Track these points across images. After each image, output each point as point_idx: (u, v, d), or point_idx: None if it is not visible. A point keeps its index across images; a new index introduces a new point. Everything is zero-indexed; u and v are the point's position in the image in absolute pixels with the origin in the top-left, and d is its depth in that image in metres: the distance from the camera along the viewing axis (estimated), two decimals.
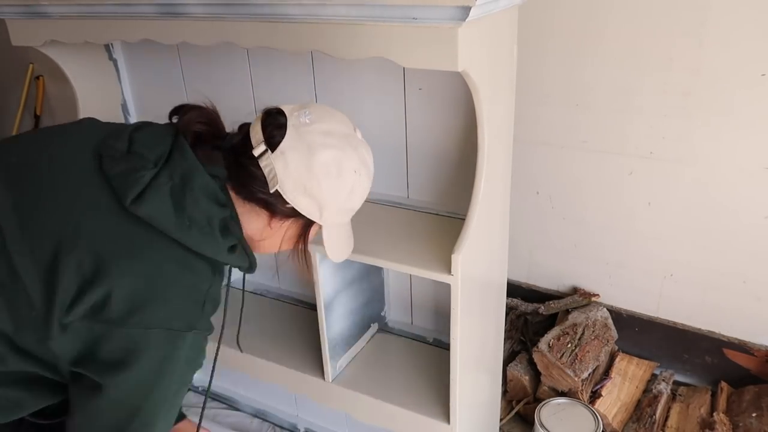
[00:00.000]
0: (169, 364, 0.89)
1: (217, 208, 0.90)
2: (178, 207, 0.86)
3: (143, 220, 0.85)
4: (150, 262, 0.85)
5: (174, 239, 0.86)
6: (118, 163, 0.87)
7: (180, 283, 0.87)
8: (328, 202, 0.94)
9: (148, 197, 0.84)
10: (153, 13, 1.23)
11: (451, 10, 0.92)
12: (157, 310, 0.85)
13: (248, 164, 0.92)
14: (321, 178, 0.92)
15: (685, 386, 1.85)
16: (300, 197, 0.93)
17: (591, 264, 1.90)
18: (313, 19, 1.04)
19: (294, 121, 0.92)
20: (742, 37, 1.47)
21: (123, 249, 0.84)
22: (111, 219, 0.85)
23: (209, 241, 0.89)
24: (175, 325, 0.86)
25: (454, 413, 1.34)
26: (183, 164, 0.88)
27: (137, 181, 0.85)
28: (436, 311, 1.65)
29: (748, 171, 1.58)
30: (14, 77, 2.79)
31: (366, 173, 0.98)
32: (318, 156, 0.91)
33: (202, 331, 0.91)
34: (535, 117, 1.78)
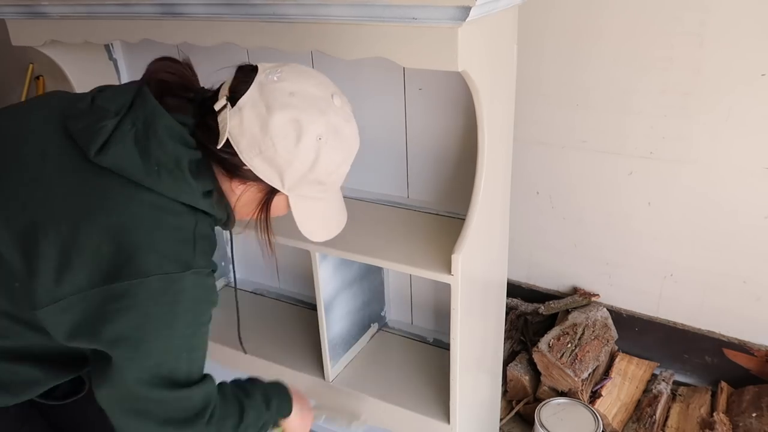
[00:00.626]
0: (177, 308, 0.85)
1: (185, 149, 0.86)
2: (143, 153, 0.83)
3: (111, 170, 0.82)
4: (126, 211, 0.82)
5: (145, 186, 0.83)
6: (80, 119, 0.86)
7: (162, 227, 0.84)
8: (287, 169, 0.88)
9: (112, 146, 0.82)
10: (153, 14, 1.23)
11: (451, 10, 0.92)
12: (146, 257, 0.81)
13: (209, 116, 0.88)
14: (276, 140, 0.86)
15: (685, 386, 1.85)
16: (256, 159, 0.87)
17: (591, 264, 1.90)
18: (313, 19, 1.04)
19: (262, 78, 0.88)
20: (742, 37, 1.47)
21: (96, 205, 0.82)
22: (79, 175, 0.83)
23: (180, 184, 0.85)
24: (169, 268, 0.83)
25: (454, 413, 1.34)
26: (145, 109, 0.85)
27: (99, 131, 0.83)
28: (436, 311, 1.65)
29: (748, 171, 1.58)
30: (14, 77, 2.79)
31: (336, 141, 0.90)
32: (274, 116, 0.85)
33: (201, 270, 0.87)
34: (535, 117, 1.78)
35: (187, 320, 0.87)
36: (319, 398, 1.55)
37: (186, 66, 0.94)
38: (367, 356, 1.60)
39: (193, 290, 0.86)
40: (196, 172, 0.87)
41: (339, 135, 0.90)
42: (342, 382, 1.51)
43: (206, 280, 0.89)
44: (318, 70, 0.95)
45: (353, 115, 0.95)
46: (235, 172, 0.90)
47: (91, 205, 0.82)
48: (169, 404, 0.89)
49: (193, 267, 0.85)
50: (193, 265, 0.85)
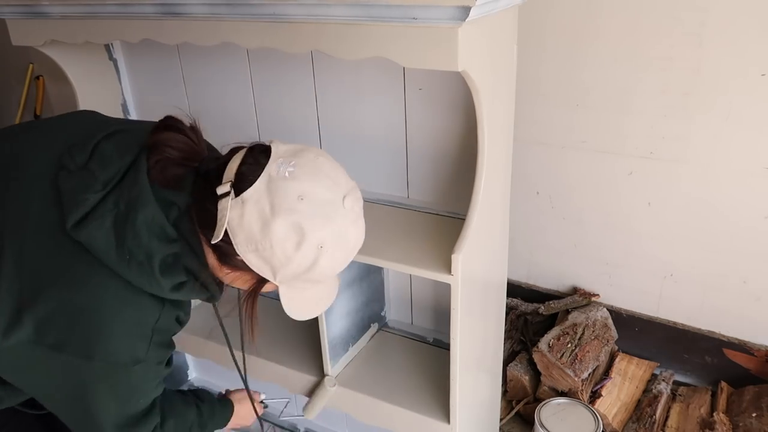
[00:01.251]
0: (119, 389, 0.88)
1: (160, 244, 0.82)
2: (118, 238, 0.80)
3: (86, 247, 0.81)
4: (88, 294, 0.81)
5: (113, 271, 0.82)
6: (70, 179, 0.83)
7: (121, 319, 0.83)
8: (282, 269, 0.84)
9: (89, 223, 0.80)
10: (153, 14, 1.23)
11: (451, 10, 0.92)
12: (96, 344, 0.82)
13: (209, 199, 0.83)
14: (275, 243, 0.81)
15: (685, 386, 1.85)
16: (251, 255, 0.83)
17: (591, 264, 1.90)
18: (313, 19, 1.04)
19: (273, 170, 0.82)
20: (742, 37, 1.47)
21: (63, 278, 0.81)
22: (54, 241, 0.82)
23: (148, 279, 0.82)
24: (117, 359, 0.83)
25: (454, 413, 1.34)
26: (133, 190, 0.82)
27: (82, 203, 0.80)
28: (436, 311, 1.65)
29: (747, 171, 1.58)
30: (14, 77, 2.79)
31: (340, 247, 0.86)
32: (278, 220, 0.80)
33: (150, 362, 0.87)
34: (535, 117, 1.78)
35: (127, 396, 0.90)
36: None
37: (193, 131, 0.89)
38: (367, 356, 1.60)
39: (137, 378, 0.88)
40: (170, 265, 0.84)
41: (342, 240, 0.86)
42: (342, 382, 1.51)
43: (155, 368, 0.90)
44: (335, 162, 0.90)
45: (362, 213, 0.90)
46: (226, 259, 0.87)
47: (57, 275, 0.81)
48: None
49: (143, 361, 0.86)
50: (143, 359, 0.86)
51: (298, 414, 1.95)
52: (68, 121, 0.98)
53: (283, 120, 1.59)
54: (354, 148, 1.53)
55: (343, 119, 1.51)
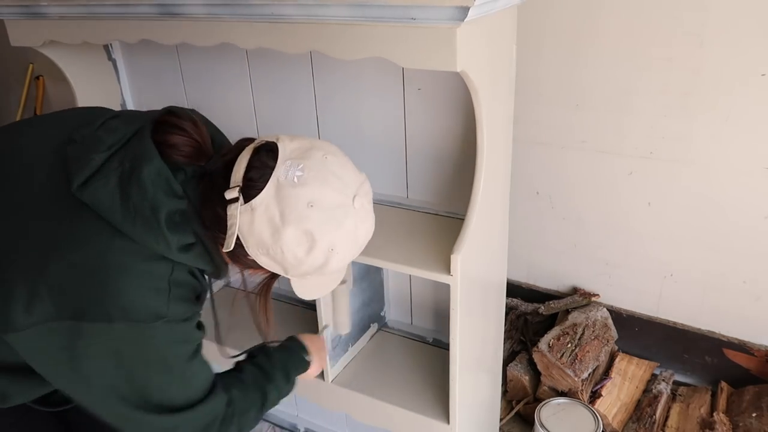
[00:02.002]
0: (148, 354, 0.82)
1: (167, 198, 0.80)
2: (124, 195, 0.78)
3: (90, 207, 0.79)
4: (95, 253, 0.78)
5: (120, 230, 0.79)
6: (77, 146, 0.83)
7: (131, 273, 0.79)
8: (293, 269, 0.86)
9: (94, 182, 0.79)
10: (152, 14, 1.23)
11: (450, 10, 0.92)
12: (111, 303, 0.78)
13: (217, 202, 0.83)
14: (286, 250, 0.82)
15: (685, 386, 1.85)
16: (262, 256, 0.84)
17: (591, 264, 1.90)
18: (313, 19, 1.04)
19: (281, 175, 0.81)
20: (742, 37, 1.47)
21: (68, 240, 0.79)
22: (59, 206, 0.81)
23: (155, 235, 0.79)
24: (136, 317, 0.79)
25: (453, 413, 1.34)
26: (137, 149, 0.81)
27: (87, 164, 0.80)
28: (436, 311, 1.65)
29: (748, 171, 1.58)
30: (14, 77, 2.79)
31: (350, 246, 0.87)
32: (288, 228, 0.80)
33: (173, 318, 0.82)
34: (534, 117, 1.78)
35: (165, 362, 0.84)
36: (319, 399, 1.56)
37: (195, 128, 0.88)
38: (367, 356, 1.60)
39: (165, 337, 0.83)
40: (177, 223, 0.81)
41: (352, 240, 0.87)
42: (342, 382, 1.51)
43: (181, 326, 0.85)
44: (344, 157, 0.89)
45: (371, 207, 0.91)
46: (237, 259, 0.88)
47: (63, 239, 0.79)
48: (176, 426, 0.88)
49: (165, 317, 0.81)
50: (165, 315, 0.81)
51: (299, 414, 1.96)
52: (74, 110, 0.99)
53: (283, 120, 1.59)
54: (353, 149, 1.52)
55: (342, 119, 1.51)
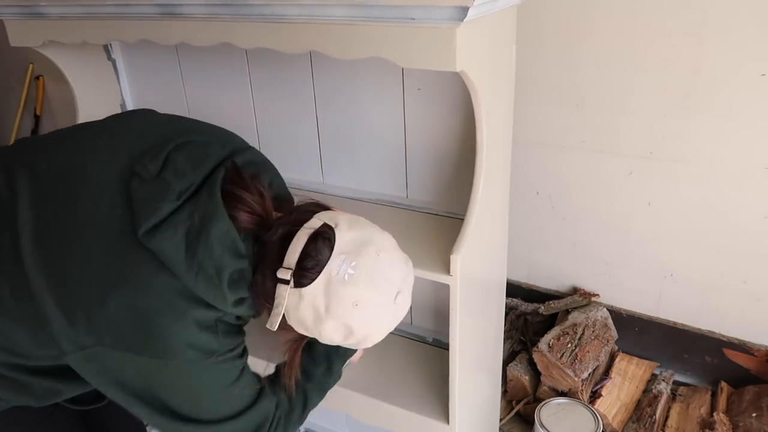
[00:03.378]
0: (201, 384, 0.88)
1: (232, 259, 0.84)
2: (189, 249, 0.81)
3: (153, 253, 0.82)
4: (155, 296, 0.82)
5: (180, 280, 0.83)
6: (143, 188, 0.84)
7: (186, 316, 0.84)
8: (330, 342, 0.92)
9: (162, 232, 0.81)
10: (151, 14, 1.23)
11: (450, 10, 0.91)
12: (168, 343, 0.83)
13: (268, 275, 0.87)
14: (324, 335, 0.89)
15: (685, 386, 1.85)
16: (301, 329, 0.91)
17: (591, 264, 1.90)
18: (312, 19, 1.04)
19: (333, 269, 0.85)
20: (742, 37, 1.47)
21: (130, 281, 0.82)
22: (122, 246, 0.83)
23: (214, 292, 0.84)
24: (192, 356, 0.84)
25: (453, 413, 1.34)
26: (208, 204, 0.83)
27: (156, 211, 0.81)
28: (436, 311, 1.65)
29: (747, 171, 1.58)
30: (14, 77, 2.79)
31: (382, 334, 0.94)
32: (330, 321, 0.86)
33: (223, 351, 0.88)
34: (534, 117, 1.78)
35: (215, 387, 0.90)
36: None
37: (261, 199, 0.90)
38: (367, 356, 1.60)
39: (217, 369, 0.88)
40: (235, 281, 0.85)
41: (388, 328, 0.93)
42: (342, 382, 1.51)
43: (229, 356, 0.90)
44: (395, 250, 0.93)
45: (410, 296, 0.94)
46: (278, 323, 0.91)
47: (123, 279, 0.82)
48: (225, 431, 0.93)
49: (217, 352, 0.87)
50: (216, 350, 0.87)
51: None
52: (129, 124, 0.98)
53: (282, 120, 1.59)
54: (353, 149, 1.53)
55: (341, 119, 1.51)
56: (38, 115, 2.75)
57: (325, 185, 1.61)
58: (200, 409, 0.91)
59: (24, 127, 2.83)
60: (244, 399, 0.95)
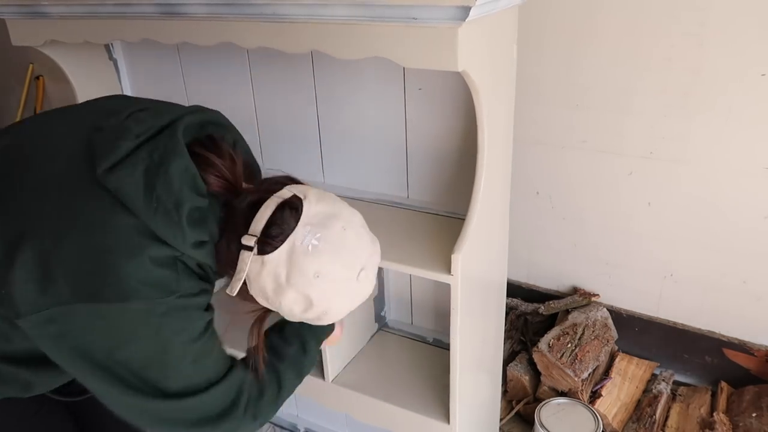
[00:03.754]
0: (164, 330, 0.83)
1: (191, 194, 0.82)
2: (148, 185, 0.80)
3: (111, 192, 0.80)
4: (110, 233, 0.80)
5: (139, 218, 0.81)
6: (104, 133, 0.84)
7: (143, 255, 0.80)
8: (288, 316, 0.92)
9: (121, 170, 0.80)
10: (153, 13, 1.23)
11: (451, 10, 0.92)
12: (126, 282, 0.79)
13: (232, 239, 0.86)
14: (284, 305, 0.88)
15: (685, 386, 1.85)
16: (260, 298, 0.90)
17: (591, 264, 1.90)
18: (313, 19, 1.04)
19: (297, 239, 0.84)
20: (742, 37, 1.47)
21: (83, 222, 0.80)
22: (78, 189, 0.82)
23: (173, 229, 0.81)
24: (151, 294, 0.80)
25: (454, 413, 1.34)
26: (167, 144, 0.83)
27: (113, 150, 0.81)
28: (436, 311, 1.65)
29: (747, 171, 1.58)
30: (14, 77, 2.79)
31: (343, 310, 0.93)
32: (290, 291, 0.85)
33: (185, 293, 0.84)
34: (535, 117, 1.78)
35: (180, 339, 0.85)
36: (319, 399, 1.56)
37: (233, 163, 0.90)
38: (367, 356, 1.60)
39: (179, 313, 0.84)
40: (195, 219, 0.83)
41: (349, 304, 0.93)
42: (342, 382, 1.51)
43: (194, 300, 0.86)
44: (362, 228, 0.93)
45: (374, 275, 0.95)
46: (240, 291, 0.90)
47: (78, 221, 0.80)
48: (194, 408, 0.88)
49: (177, 292, 0.83)
50: (177, 290, 0.83)
51: (299, 414, 1.96)
52: (98, 101, 1.00)
53: (283, 120, 1.59)
54: (354, 148, 1.53)
55: (342, 119, 1.51)
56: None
57: (325, 185, 1.61)
58: (167, 373, 0.85)
59: None
60: (215, 367, 0.91)
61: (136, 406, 0.86)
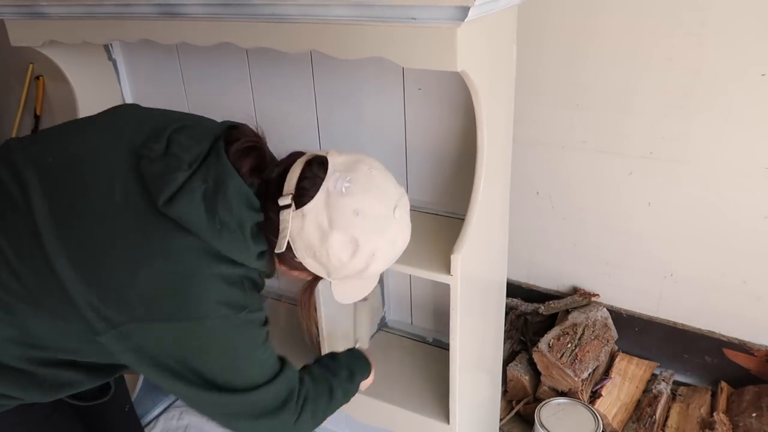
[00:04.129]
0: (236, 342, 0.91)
1: (250, 212, 0.89)
2: (210, 210, 0.86)
3: (174, 221, 0.85)
4: (183, 260, 0.86)
5: (204, 241, 0.86)
6: (154, 164, 0.88)
7: (215, 274, 0.88)
8: (336, 271, 0.94)
9: (180, 199, 0.85)
10: (152, 14, 1.23)
11: (451, 10, 0.92)
12: (203, 303, 0.86)
13: (270, 208, 0.91)
14: (332, 253, 0.90)
15: (685, 386, 1.85)
16: (308, 259, 0.93)
17: (591, 264, 1.90)
18: (313, 19, 1.04)
19: (330, 185, 0.90)
20: (742, 37, 1.47)
21: (156, 251, 0.85)
22: (144, 220, 0.86)
23: (239, 246, 0.88)
24: (225, 312, 0.88)
25: (454, 413, 1.34)
26: (218, 167, 0.88)
27: (171, 182, 0.85)
28: (436, 311, 1.65)
29: (747, 171, 1.58)
30: (14, 77, 2.79)
31: (390, 253, 0.96)
32: (335, 233, 0.89)
33: (253, 308, 0.92)
34: (534, 117, 1.78)
35: (247, 348, 0.94)
36: None
37: (263, 142, 0.98)
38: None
39: (248, 326, 0.92)
40: (256, 234, 0.91)
41: (392, 247, 0.95)
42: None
43: (258, 314, 0.94)
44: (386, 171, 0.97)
45: (409, 218, 0.98)
46: (285, 259, 0.96)
47: (151, 250, 0.85)
48: (257, 402, 0.96)
49: (247, 308, 0.91)
50: (246, 306, 0.91)
51: None
52: (124, 116, 1.01)
53: (283, 120, 1.59)
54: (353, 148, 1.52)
55: (342, 119, 1.51)
56: (38, 115, 2.75)
57: None
58: (234, 374, 0.93)
59: (24, 127, 2.83)
60: (273, 366, 0.99)
61: (207, 401, 0.94)
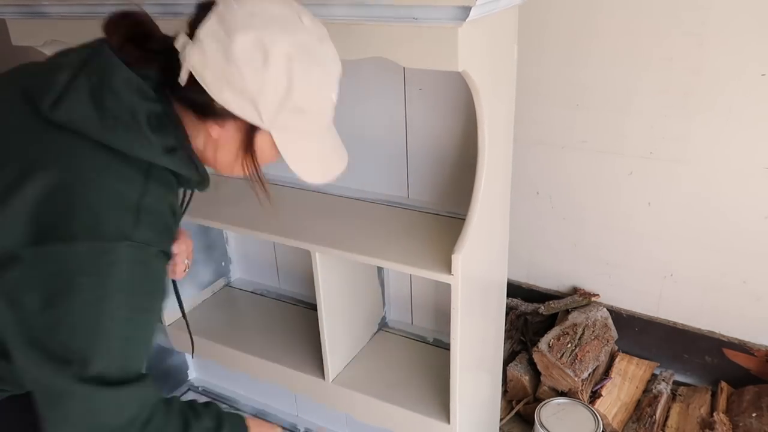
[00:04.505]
0: (107, 282, 0.75)
1: (143, 101, 0.80)
2: (99, 106, 0.78)
3: (67, 127, 0.78)
4: (70, 168, 0.77)
5: (100, 143, 0.78)
6: (35, 77, 0.84)
7: (100, 188, 0.77)
8: (260, 97, 0.80)
9: (66, 101, 0.78)
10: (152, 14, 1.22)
11: (452, 10, 0.92)
12: (78, 218, 0.74)
13: (173, 62, 0.82)
14: (242, 65, 0.78)
15: (685, 386, 1.85)
16: (225, 92, 0.80)
17: (591, 264, 1.90)
18: None
19: (221, 7, 0.81)
20: (742, 37, 1.47)
21: (43, 160, 0.77)
22: (32, 131, 0.80)
23: (137, 138, 0.79)
24: (100, 233, 0.75)
25: (454, 413, 1.34)
26: (100, 62, 0.81)
27: (52, 86, 0.79)
28: (436, 311, 1.65)
29: (747, 171, 1.58)
30: None
31: (310, 62, 0.82)
32: (236, 39, 0.78)
33: (142, 244, 0.78)
34: (535, 117, 1.78)
35: (120, 300, 0.77)
36: (319, 399, 1.56)
37: (145, 16, 0.88)
38: (368, 356, 1.60)
39: (129, 266, 0.77)
40: (156, 125, 0.81)
41: (312, 54, 0.83)
42: (342, 382, 1.51)
43: (150, 258, 0.80)
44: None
45: (327, 36, 0.87)
46: (207, 111, 0.84)
47: (38, 160, 0.78)
48: (96, 405, 0.78)
49: (131, 239, 0.76)
50: (131, 237, 0.76)
51: (299, 414, 1.96)
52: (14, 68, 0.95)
53: None
54: (354, 149, 1.52)
55: (343, 119, 1.50)
56: None
57: (326, 185, 1.61)
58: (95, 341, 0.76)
59: None
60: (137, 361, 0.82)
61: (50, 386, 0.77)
